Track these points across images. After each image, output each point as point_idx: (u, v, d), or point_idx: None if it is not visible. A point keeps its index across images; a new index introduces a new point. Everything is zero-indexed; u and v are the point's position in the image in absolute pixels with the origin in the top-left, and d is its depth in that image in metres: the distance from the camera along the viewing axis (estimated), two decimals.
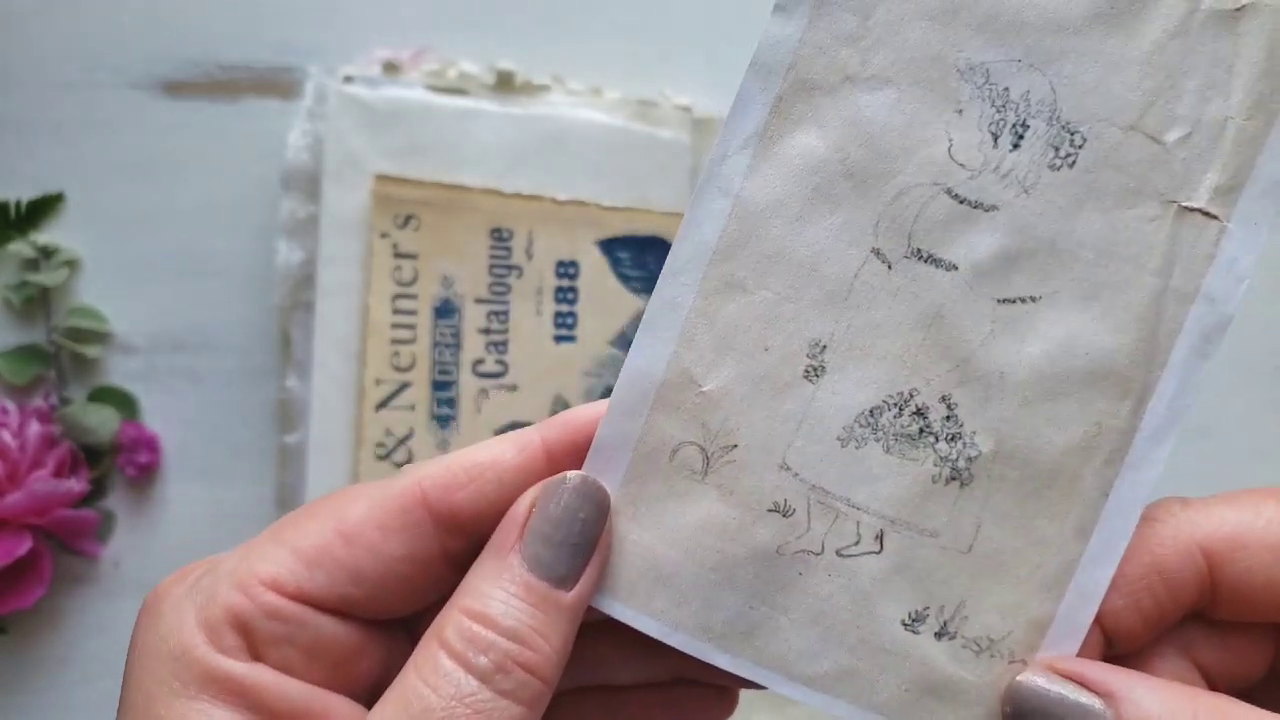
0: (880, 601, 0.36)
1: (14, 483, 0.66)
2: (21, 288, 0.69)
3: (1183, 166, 0.34)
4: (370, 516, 0.35)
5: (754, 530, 0.36)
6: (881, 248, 0.35)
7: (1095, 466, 0.35)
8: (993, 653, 0.35)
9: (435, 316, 0.66)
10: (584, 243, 0.68)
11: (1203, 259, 0.34)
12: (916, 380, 0.35)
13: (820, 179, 0.35)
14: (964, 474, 0.35)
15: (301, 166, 0.66)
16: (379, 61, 0.67)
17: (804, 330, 0.35)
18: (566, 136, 0.68)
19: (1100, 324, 0.35)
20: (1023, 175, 0.34)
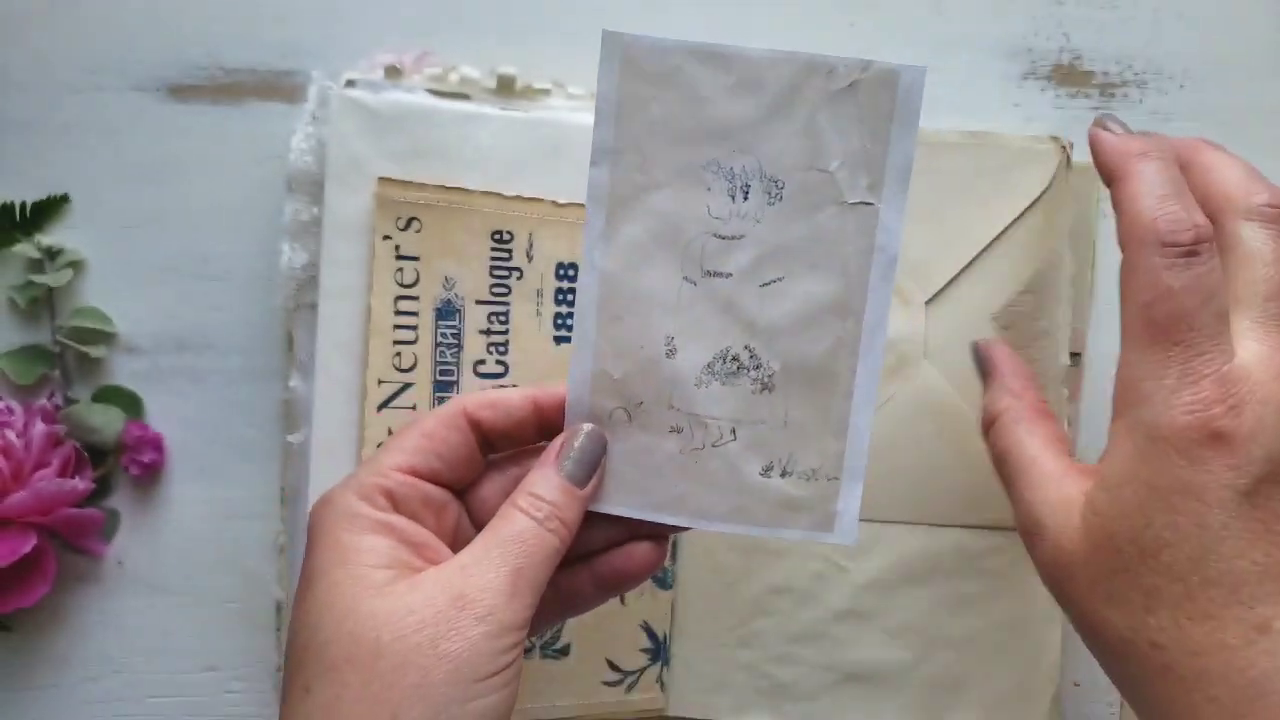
0: (743, 466, 0.57)
1: (19, 482, 0.66)
2: (26, 288, 0.69)
3: (844, 181, 0.55)
4: (439, 422, 0.55)
5: (664, 445, 0.57)
6: (688, 275, 0.56)
7: (843, 359, 0.56)
8: (814, 478, 0.57)
9: (437, 317, 0.67)
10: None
11: (870, 228, 0.55)
12: (727, 341, 0.57)
13: (641, 248, 0.56)
14: (770, 385, 0.57)
15: (304, 169, 0.67)
16: (381, 65, 0.68)
17: (659, 332, 0.57)
18: (566, 140, 0.68)
19: (822, 281, 0.56)
20: (754, 214, 0.56)
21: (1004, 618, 0.71)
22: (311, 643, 0.49)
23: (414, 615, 0.49)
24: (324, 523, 0.52)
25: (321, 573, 0.51)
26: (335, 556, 0.51)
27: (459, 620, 0.49)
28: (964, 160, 0.71)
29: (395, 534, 0.52)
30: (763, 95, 0.54)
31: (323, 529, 0.52)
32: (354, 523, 0.52)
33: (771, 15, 0.73)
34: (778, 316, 0.56)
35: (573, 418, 0.57)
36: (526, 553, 0.52)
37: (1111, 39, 0.74)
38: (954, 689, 0.71)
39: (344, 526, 0.52)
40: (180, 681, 0.71)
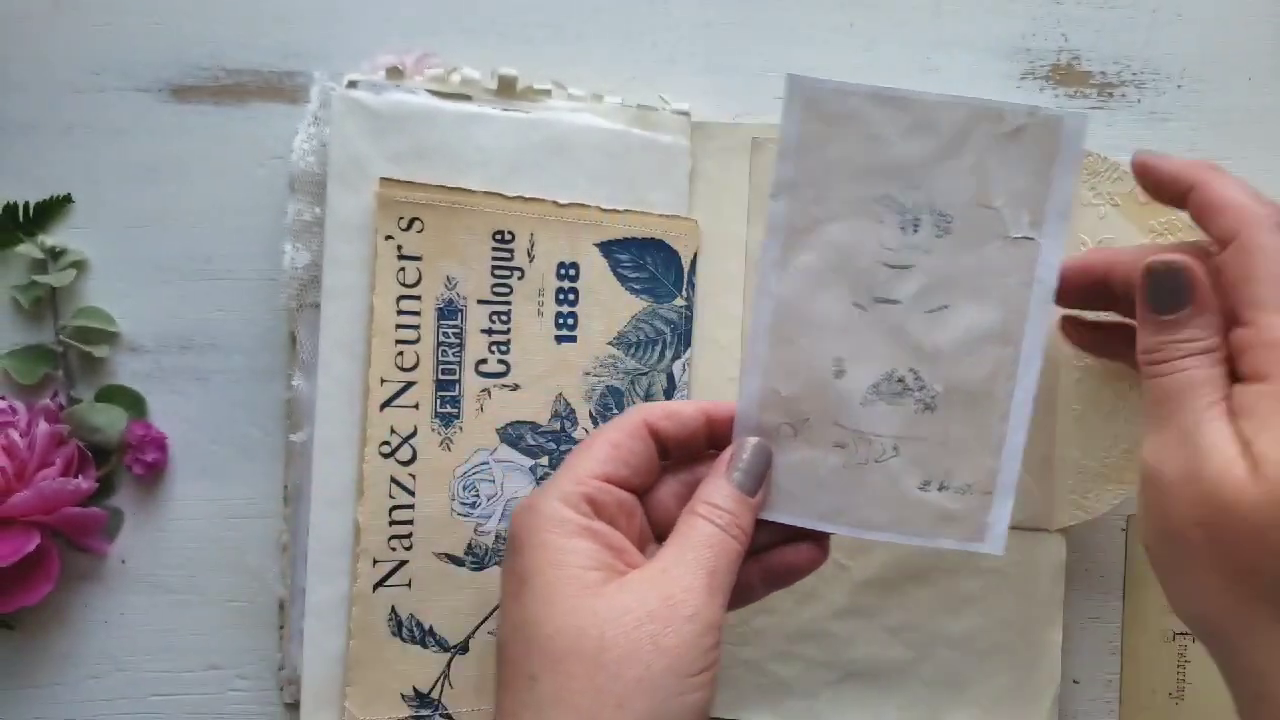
0: (904, 480, 0.62)
1: (22, 481, 0.66)
2: (30, 288, 0.70)
3: (1008, 217, 0.60)
4: (623, 433, 0.60)
5: (828, 459, 0.62)
6: (858, 301, 0.61)
7: (1000, 383, 0.61)
8: (969, 492, 0.62)
9: (439, 317, 0.67)
10: (584, 245, 0.69)
11: (1030, 262, 0.60)
12: (894, 364, 0.61)
13: (815, 275, 0.61)
14: (932, 405, 0.61)
15: (307, 170, 0.67)
16: (383, 67, 0.68)
17: (828, 354, 0.61)
18: (567, 141, 0.69)
19: (984, 310, 0.61)
20: (923, 245, 0.60)
21: (1004, 616, 0.71)
22: (536, 636, 0.54)
23: (631, 614, 0.53)
24: (531, 526, 0.57)
25: (535, 572, 0.55)
26: (547, 558, 0.56)
27: (672, 619, 0.54)
28: None
29: (598, 538, 0.57)
30: (936, 137, 0.59)
31: (530, 532, 0.57)
32: (562, 527, 0.56)
33: (771, 15, 0.74)
34: (942, 342, 0.61)
35: (741, 431, 0.62)
36: (716, 556, 0.57)
37: (1110, 39, 0.74)
38: (954, 687, 0.71)
39: (552, 530, 0.56)
40: (183, 680, 0.71)
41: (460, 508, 0.68)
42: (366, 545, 0.66)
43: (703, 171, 0.72)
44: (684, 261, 0.71)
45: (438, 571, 0.68)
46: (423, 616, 0.67)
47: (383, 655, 0.67)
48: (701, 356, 0.72)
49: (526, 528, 0.57)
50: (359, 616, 0.66)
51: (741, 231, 0.72)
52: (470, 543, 0.68)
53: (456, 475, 0.68)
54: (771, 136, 0.71)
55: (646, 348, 0.70)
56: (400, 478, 0.67)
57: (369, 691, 0.67)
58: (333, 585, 0.67)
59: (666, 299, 0.71)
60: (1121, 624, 0.74)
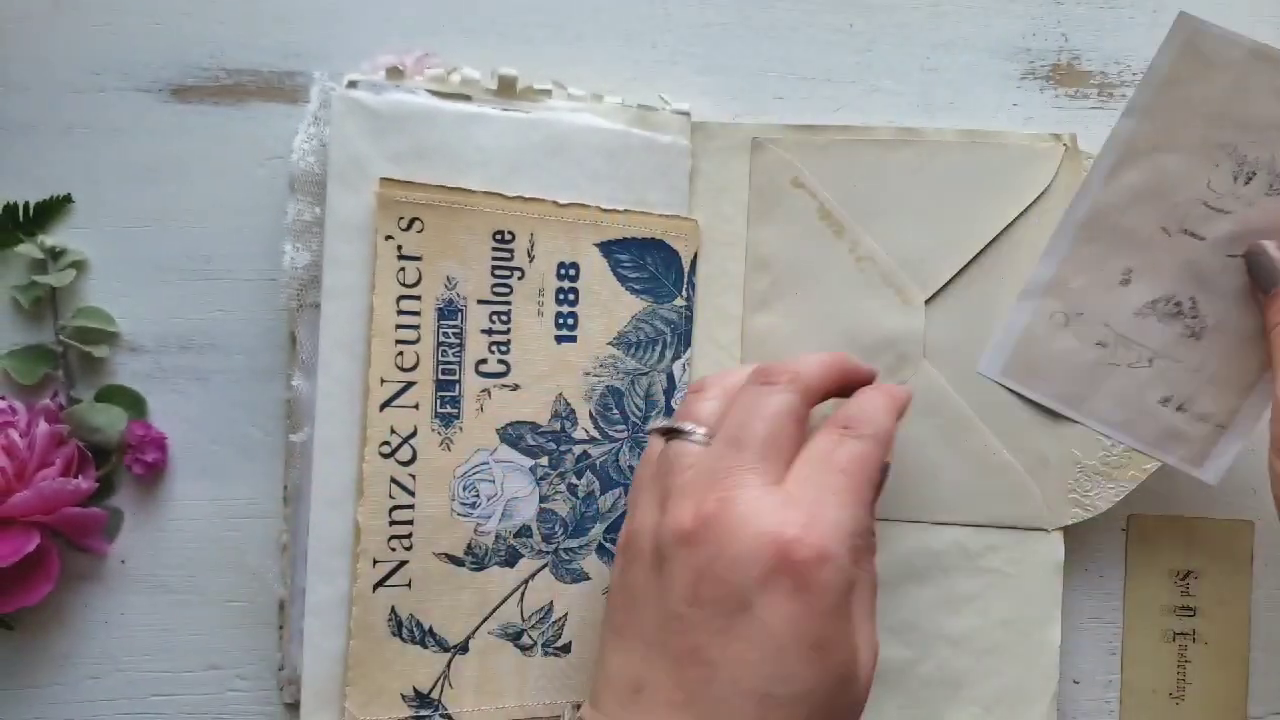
0: (1148, 391, 0.68)
1: (22, 481, 0.66)
2: (29, 288, 0.70)
3: None
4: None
5: (1087, 353, 0.69)
6: (1165, 225, 0.67)
7: (1277, 339, 0.63)
8: (1205, 420, 0.68)
9: (439, 317, 0.67)
10: (584, 245, 0.69)
11: None
12: (1175, 288, 0.67)
13: (1135, 192, 0.66)
14: (1199, 334, 0.67)
15: (307, 170, 0.67)
16: (383, 67, 0.68)
17: (1121, 262, 0.68)
18: (567, 141, 0.69)
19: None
20: (1249, 198, 0.65)
21: (1003, 616, 0.71)
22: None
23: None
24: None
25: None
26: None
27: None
28: (964, 159, 0.71)
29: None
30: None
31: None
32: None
33: (771, 15, 0.74)
34: (1232, 285, 0.67)
35: (1023, 300, 0.70)
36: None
37: (1110, 39, 0.74)
38: (954, 687, 0.71)
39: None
40: (183, 680, 0.71)
41: (460, 508, 0.68)
42: (366, 545, 0.66)
43: (703, 171, 0.72)
44: (684, 261, 0.71)
45: (438, 572, 0.68)
46: (423, 616, 0.67)
47: (383, 655, 0.67)
48: (701, 356, 0.72)
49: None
50: (359, 616, 0.66)
51: (742, 231, 0.72)
52: (470, 543, 0.68)
53: (456, 475, 0.68)
54: (771, 138, 0.71)
55: (646, 348, 0.70)
56: (400, 478, 0.67)
57: (369, 691, 0.66)
58: (332, 585, 0.67)
59: (666, 299, 0.71)
60: (1121, 624, 0.74)
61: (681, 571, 0.54)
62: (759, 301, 0.71)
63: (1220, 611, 0.73)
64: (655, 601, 0.55)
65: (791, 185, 0.71)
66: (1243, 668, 0.73)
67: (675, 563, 0.54)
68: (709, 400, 0.61)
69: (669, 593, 0.54)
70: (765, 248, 0.71)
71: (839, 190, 0.71)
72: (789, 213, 0.71)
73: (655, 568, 0.55)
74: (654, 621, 0.54)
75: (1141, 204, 0.67)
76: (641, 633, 0.55)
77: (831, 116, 0.74)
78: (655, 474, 0.59)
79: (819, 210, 0.71)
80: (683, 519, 0.55)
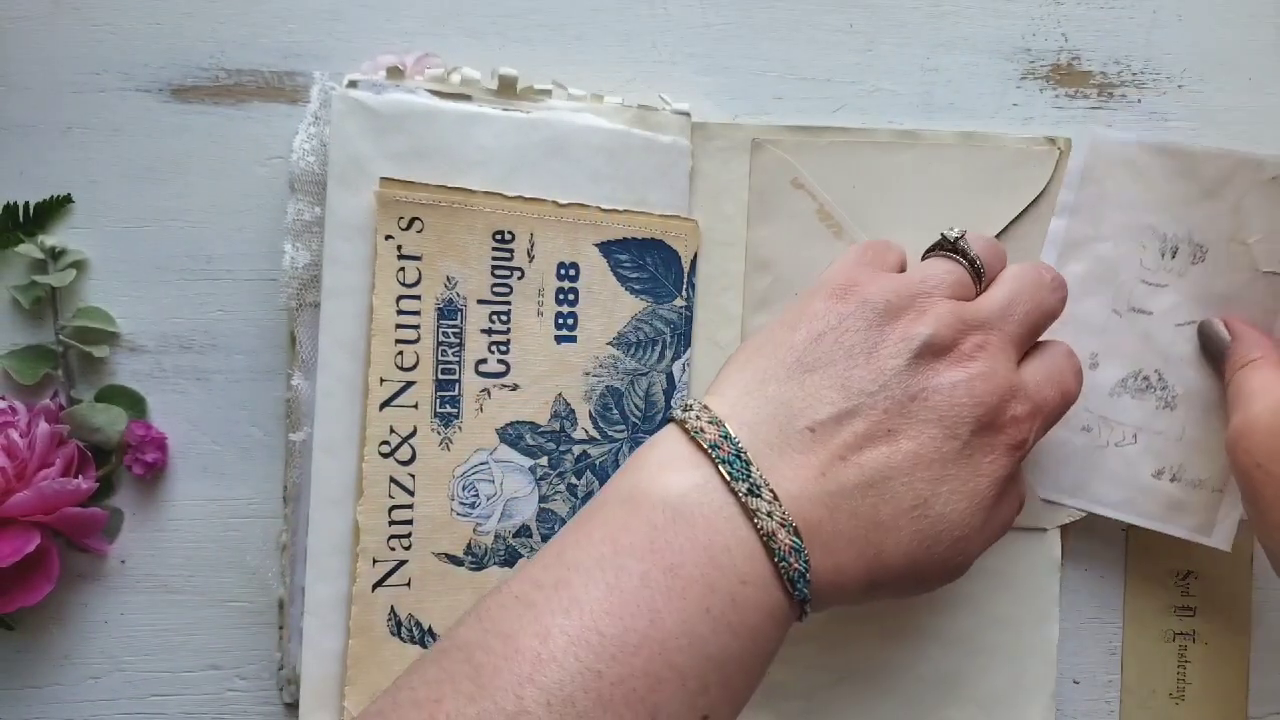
0: (1139, 467, 0.70)
1: (22, 481, 0.66)
2: (30, 288, 0.70)
3: (1260, 253, 0.69)
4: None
5: (1076, 439, 0.71)
6: (1116, 308, 0.71)
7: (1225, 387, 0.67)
8: (1200, 487, 0.70)
9: (439, 317, 0.67)
10: (584, 245, 0.69)
11: (1277, 293, 0.69)
12: (1140, 363, 0.71)
13: (1081, 283, 0.71)
14: (1172, 404, 0.71)
15: (307, 170, 0.67)
16: (383, 67, 0.68)
17: (1085, 348, 0.71)
18: (568, 141, 0.69)
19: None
20: (1179, 270, 0.70)
21: (1000, 615, 0.72)
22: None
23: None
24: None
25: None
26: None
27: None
28: (962, 162, 0.72)
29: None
30: (1200, 180, 0.71)
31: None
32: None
33: (771, 16, 0.74)
34: (1187, 351, 0.71)
35: None
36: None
37: (1110, 39, 0.74)
38: (951, 687, 0.71)
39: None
40: (183, 680, 0.71)
41: (460, 508, 0.68)
42: (366, 545, 0.66)
43: (703, 171, 0.72)
44: (684, 262, 0.71)
45: (437, 571, 0.68)
46: (422, 616, 0.67)
47: (382, 655, 0.67)
48: (701, 357, 0.72)
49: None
50: (358, 616, 0.66)
51: (741, 232, 0.72)
52: (470, 543, 0.68)
53: (456, 475, 0.68)
54: (771, 138, 0.71)
55: (646, 348, 0.70)
56: (399, 477, 0.67)
57: (368, 691, 0.66)
58: (332, 584, 0.67)
59: (666, 299, 0.70)
60: (1121, 624, 0.74)
61: (919, 364, 0.57)
62: (759, 301, 0.71)
63: (1220, 611, 0.73)
64: (876, 368, 0.57)
65: (791, 186, 0.71)
66: (1243, 668, 0.73)
67: (920, 360, 0.57)
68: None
69: (896, 368, 0.57)
70: (765, 248, 0.71)
71: (838, 191, 0.71)
72: (789, 213, 0.71)
73: (892, 341, 0.57)
74: (866, 381, 0.56)
75: (1090, 292, 0.71)
76: (844, 381, 0.56)
77: (831, 117, 0.74)
78: (925, 279, 0.61)
79: (818, 211, 0.71)
80: (944, 335, 0.57)
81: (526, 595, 0.50)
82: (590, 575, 0.50)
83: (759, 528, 0.52)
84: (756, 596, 0.52)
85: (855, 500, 0.54)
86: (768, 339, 0.59)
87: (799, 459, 0.54)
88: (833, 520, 0.54)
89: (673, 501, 0.52)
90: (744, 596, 0.51)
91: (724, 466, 0.53)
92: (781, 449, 0.54)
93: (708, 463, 0.54)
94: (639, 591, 0.49)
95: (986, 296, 0.61)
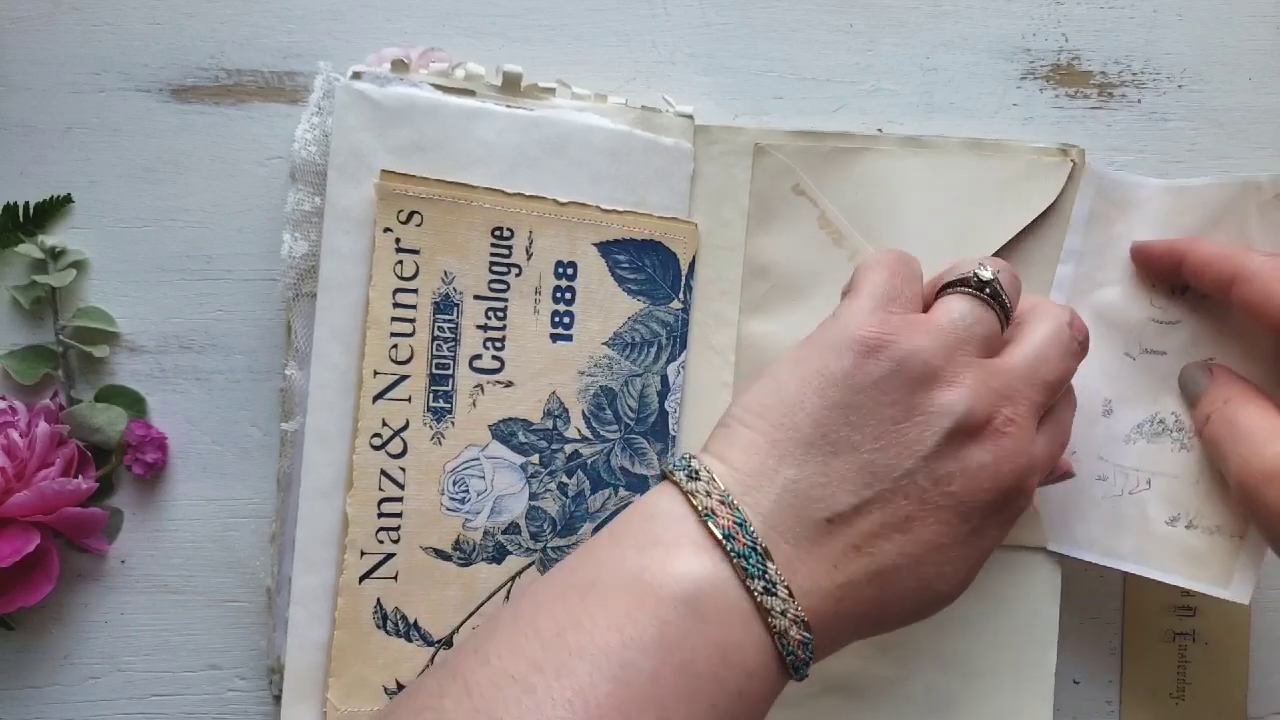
0: (1153, 514, 0.68)
1: (22, 481, 0.67)
2: (30, 288, 0.70)
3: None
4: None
5: (1091, 489, 0.70)
6: (1128, 351, 0.70)
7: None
8: (1217, 534, 0.66)
9: (435, 311, 0.67)
10: (583, 244, 0.69)
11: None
12: (1157, 407, 0.69)
13: (1095, 329, 0.68)
14: (1189, 446, 0.68)
15: (308, 160, 0.67)
16: (388, 59, 0.68)
17: (1099, 396, 0.70)
18: (570, 140, 0.69)
19: (1246, 364, 0.66)
20: (1192, 304, 0.68)
21: (997, 638, 0.71)
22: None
23: None
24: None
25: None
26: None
27: None
28: (969, 171, 0.71)
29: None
30: (1204, 212, 0.68)
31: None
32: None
33: (771, 16, 0.74)
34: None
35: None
36: None
37: (1110, 39, 0.74)
38: (942, 710, 0.71)
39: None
40: (183, 680, 0.72)
41: (450, 503, 0.68)
42: (354, 536, 0.66)
43: (704, 175, 0.72)
44: (682, 264, 0.71)
45: (425, 566, 0.68)
46: (408, 610, 0.67)
47: (366, 647, 0.67)
48: (696, 360, 0.72)
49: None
50: (344, 608, 0.66)
51: (741, 237, 0.71)
52: (458, 538, 0.68)
53: (447, 470, 0.68)
54: (774, 143, 0.71)
55: (642, 349, 0.70)
56: (390, 470, 0.67)
57: (351, 683, 0.67)
58: (319, 575, 0.67)
59: (663, 301, 0.70)
60: (1121, 624, 0.74)
61: (948, 446, 0.55)
62: (755, 307, 0.71)
63: (1221, 611, 0.73)
64: (903, 449, 0.55)
65: (792, 192, 0.71)
66: (1243, 668, 0.73)
67: (951, 441, 0.55)
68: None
69: (924, 452, 0.55)
70: (764, 254, 0.71)
71: (839, 198, 0.71)
72: (789, 219, 0.71)
73: (923, 415, 0.55)
74: (890, 466, 0.55)
75: (1100, 337, 0.70)
76: (867, 466, 0.55)
77: (831, 117, 0.74)
78: (956, 329, 0.58)
79: (819, 218, 0.71)
80: (978, 411, 0.55)
81: (525, 678, 0.48)
82: (597, 666, 0.48)
83: (772, 626, 0.51)
84: (760, 687, 0.52)
85: (863, 589, 0.53)
86: (785, 393, 0.56)
87: (815, 551, 0.53)
88: (839, 610, 0.53)
89: (684, 595, 0.50)
90: (749, 689, 0.51)
91: (739, 560, 0.51)
92: (798, 541, 0.53)
93: (719, 552, 0.52)
94: (648, 689, 0.48)
95: (1015, 353, 0.59)
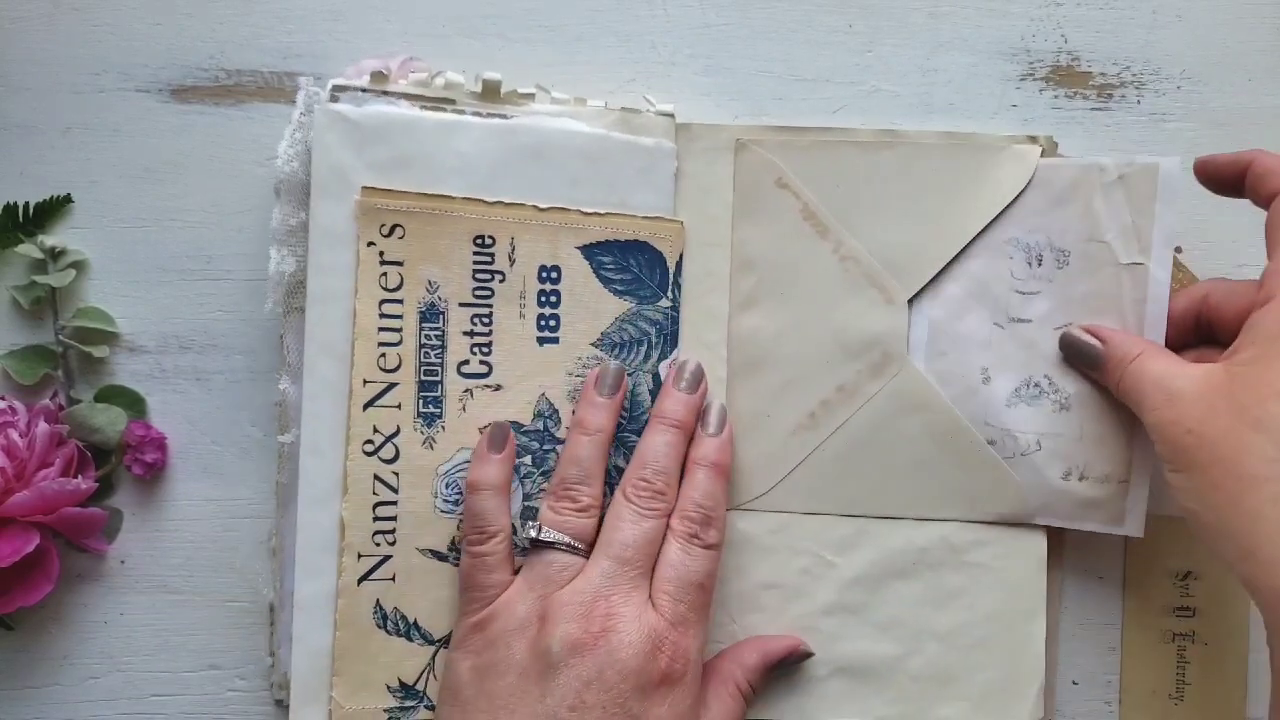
0: (1047, 471, 0.71)
1: (22, 481, 0.67)
2: (30, 289, 0.70)
3: (1118, 247, 0.70)
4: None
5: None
6: (997, 321, 0.72)
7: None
8: (1107, 481, 0.70)
9: (421, 320, 0.67)
10: (566, 248, 0.69)
11: (1142, 282, 0.69)
12: (1030, 371, 0.72)
13: (960, 302, 0.72)
14: (1067, 405, 0.71)
15: (291, 175, 0.67)
16: (367, 71, 0.68)
17: (975, 365, 0.72)
18: (547, 146, 0.69)
19: (1104, 324, 0.70)
20: (1047, 275, 0.71)
21: (990, 611, 0.72)
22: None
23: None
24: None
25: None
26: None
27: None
28: (944, 160, 0.72)
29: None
30: (1050, 189, 0.71)
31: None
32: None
33: (770, 17, 0.74)
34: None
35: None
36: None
37: (1109, 40, 0.74)
38: (942, 682, 0.71)
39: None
40: (182, 680, 0.72)
41: (443, 505, 0.68)
42: (351, 540, 0.67)
43: (688, 172, 0.71)
44: (669, 262, 0.71)
45: (421, 567, 0.68)
46: (407, 610, 0.68)
47: (368, 647, 0.67)
48: (689, 356, 0.72)
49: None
50: (344, 609, 0.67)
51: (727, 232, 0.72)
52: (454, 539, 0.68)
53: (439, 473, 0.68)
54: (755, 137, 0.71)
55: (631, 348, 0.70)
56: (383, 475, 0.67)
57: (355, 681, 0.67)
58: (319, 582, 0.67)
59: (651, 300, 0.70)
60: (1121, 624, 0.74)
61: (569, 680, 0.60)
62: (744, 301, 0.71)
63: (1220, 612, 0.73)
64: (531, 706, 0.60)
65: (776, 186, 0.71)
66: (1242, 668, 0.73)
67: (564, 671, 0.60)
68: (579, 516, 0.66)
69: (551, 697, 0.60)
70: (750, 248, 0.71)
71: (822, 191, 0.71)
72: (773, 213, 0.71)
73: (536, 676, 0.61)
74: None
75: (969, 309, 0.72)
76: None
77: (831, 118, 0.74)
78: (529, 581, 0.64)
79: (803, 210, 0.71)
80: (572, 630, 0.61)
81: None
82: None
83: None
84: None
85: None
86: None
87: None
88: None
89: None
90: None
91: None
92: None
93: None
94: None
95: (592, 565, 0.64)
